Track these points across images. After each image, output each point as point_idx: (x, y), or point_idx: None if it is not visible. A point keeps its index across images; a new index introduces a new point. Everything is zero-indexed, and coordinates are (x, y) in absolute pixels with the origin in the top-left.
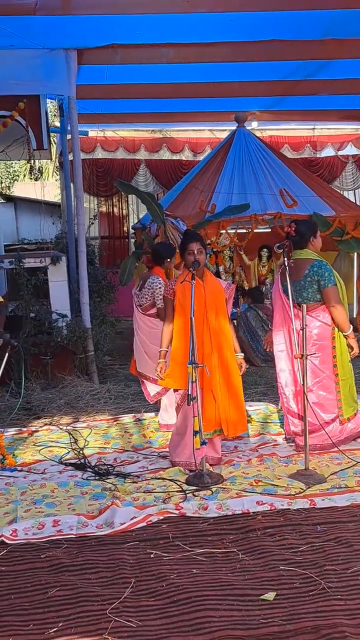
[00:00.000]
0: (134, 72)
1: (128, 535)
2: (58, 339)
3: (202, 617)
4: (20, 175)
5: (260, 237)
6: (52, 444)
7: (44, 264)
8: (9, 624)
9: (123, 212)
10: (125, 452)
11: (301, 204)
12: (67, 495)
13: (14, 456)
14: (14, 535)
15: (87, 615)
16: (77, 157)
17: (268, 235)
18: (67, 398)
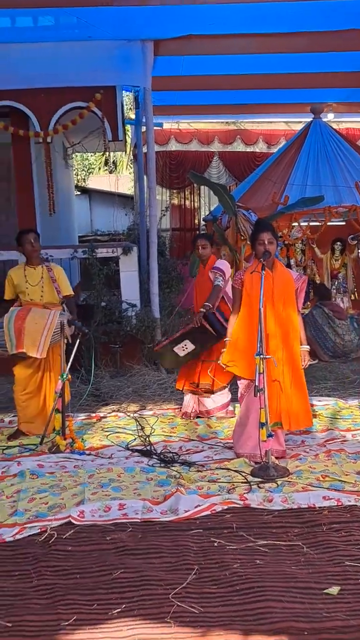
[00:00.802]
0: (209, 63)
1: (192, 522)
2: (127, 328)
3: (264, 608)
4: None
5: (334, 231)
6: (119, 430)
7: (116, 254)
8: (74, 602)
9: (195, 205)
10: (190, 441)
11: None
12: (132, 481)
13: (83, 440)
14: (81, 517)
15: (150, 599)
16: (151, 148)
17: (342, 229)
18: (134, 386)
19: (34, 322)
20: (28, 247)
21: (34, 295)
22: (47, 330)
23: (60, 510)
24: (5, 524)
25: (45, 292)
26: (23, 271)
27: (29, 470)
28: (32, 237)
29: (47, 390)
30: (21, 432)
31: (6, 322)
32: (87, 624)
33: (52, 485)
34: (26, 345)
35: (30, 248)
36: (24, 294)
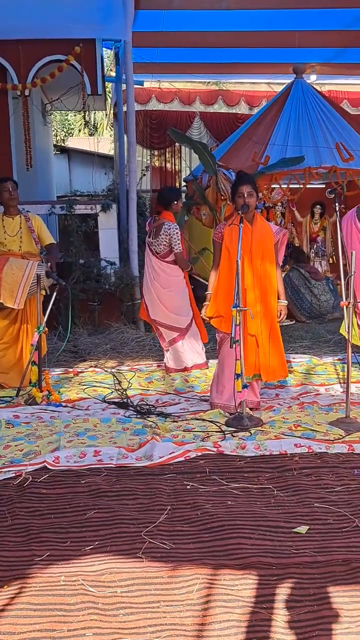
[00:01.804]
0: (192, 18)
1: (166, 467)
2: (106, 286)
3: (235, 545)
4: (75, 129)
5: (314, 194)
6: (96, 384)
7: (95, 211)
8: (48, 539)
9: (175, 167)
10: (167, 394)
11: (358, 159)
12: (108, 430)
13: (60, 393)
14: (56, 462)
15: (122, 536)
16: (130, 102)
17: (321, 192)
18: (112, 344)
19: (11, 272)
20: (6, 195)
21: (12, 246)
22: (25, 281)
23: (36, 457)
24: None
25: (24, 242)
26: (1, 221)
27: (5, 420)
28: (10, 185)
29: (23, 342)
30: None
31: None
32: (60, 559)
33: (27, 434)
34: (3, 296)
35: (8, 196)
36: (2, 244)
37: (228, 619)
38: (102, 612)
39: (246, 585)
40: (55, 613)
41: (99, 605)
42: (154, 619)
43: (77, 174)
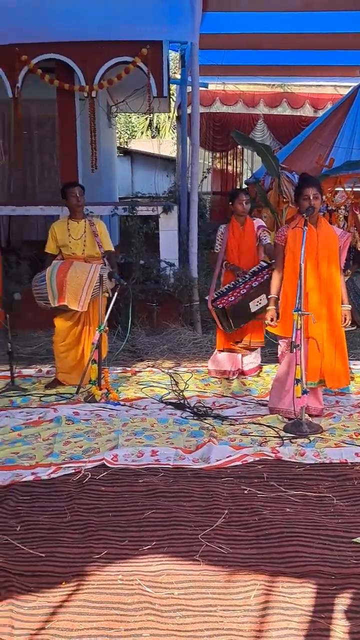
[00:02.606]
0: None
1: (223, 471)
2: (165, 287)
3: (293, 552)
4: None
5: None
6: (153, 384)
7: (156, 212)
8: (106, 537)
9: (237, 170)
10: (224, 397)
11: None
12: (165, 431)
13: (118, 392)
14: (114, 460)
15: (180, 538)
16: (195, 103)
17: None
18: (170, 344)
19: (75, 275)
20: (73, 200)
21: (76, 249)
22: (89, 284)
23: (95, 454)
24: (41, 463)
25: (87, 245)
26: (66, 225)
27: (65, 416)
28: (78, 190)
29: (85, 343)
30: (58, 382)
31: (48, 275)
32: (118, 558)
33: (87, 431)
34: (68, 299)
35: (75, 202)
36: (67, 247)
37: (286, 627)
38: (158, 613)
39: (305, 594)
40: (112, 612)
41: (155, 606)
42: (210, 622)
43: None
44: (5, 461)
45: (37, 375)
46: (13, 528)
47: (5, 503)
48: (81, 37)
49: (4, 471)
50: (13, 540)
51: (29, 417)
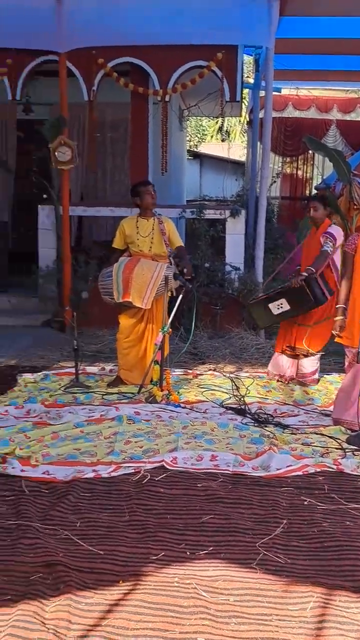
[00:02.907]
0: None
1: (283, 480)
2: (229, 291)
3: (351, 566)
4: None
5: None
6: (214, 388)
7: (224, 216)
8: (163, 539)
9: (307, 175)
10: (285, 405)
11: None
12: (225, 436)
13: (179, 394)
14: (174, 462)
15: (237, 545)
16: (268, 107)
17: None
18: (232, 348)
19: (142, 273)
20: (148, 198)
21: (143, 246)
22: (153, 282)
23: (154, 455)
24: (102, 461)
25: (155, 243)
26: (135, 222)
27: (127, 415)
28: (152, 188)
29: (147, 341)
30: (120, 381)
31: (115, 271)
32: (175, 560)
33: (147, 432)
34: (132, 295)
35: (151, 199)
36: (134, 244)
37: None
38: (214, 619)
39: None
40: (168, 614)
41: (211, 611)
42: (265, 631)
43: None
44: (67, 457)
45: (100, 373)
46: (73, 524)
47: (66, 498)
48: (157, 41)
49: (66, 467)
50: (73, 536)
51: (92, 415)
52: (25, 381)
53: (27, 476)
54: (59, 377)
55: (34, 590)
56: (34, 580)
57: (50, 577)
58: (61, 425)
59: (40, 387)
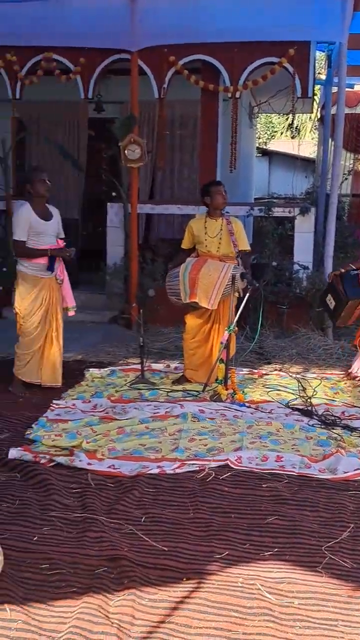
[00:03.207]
0: None
1: (350, 484)
2: (297, 290)
3: None
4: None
5: None
6: (280, 388)
7: (292, 214)
8: (228, 538)
9: None
10: (354, 407)
11: None
12: (291, 437)
13: (244, 393)
14: (238, 462)
15: (302, 547)
16: (341, 104)
17: None
18: (299, 349)
19: (208, 273)
20: (219, 198)
21: (211, 247)
22: (220, 283)
23: (219, 453)
24: (167, 457)
25: (222, 244)
26: (203, 222)
27: (191, 413)
28: (223, 188)
29: (214, 341)
30: (185, 379)
31: (182, 271)
32: (239, 560)
33: (211, 430)
34: (199, 296)
35: (222, 200)
36: (202, 244)
37: None
38: (278, 621)
39: None
40: (231, 614)
41: (275, 614)
42: (330, 637)
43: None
44: (132, 452)
45: (165, 370)
46: (138, 519)
47: (131, 493)
48: (228, 38)
49: (131, 462)
50: (137, 531)
51: (157, 411)
52: (92, 376)
53: (93, 469)
54: (125, 373)
55: (99, 584)
56: (99, 574)
57: (115, 571)
58: (127, 421)
59: (107, 382)
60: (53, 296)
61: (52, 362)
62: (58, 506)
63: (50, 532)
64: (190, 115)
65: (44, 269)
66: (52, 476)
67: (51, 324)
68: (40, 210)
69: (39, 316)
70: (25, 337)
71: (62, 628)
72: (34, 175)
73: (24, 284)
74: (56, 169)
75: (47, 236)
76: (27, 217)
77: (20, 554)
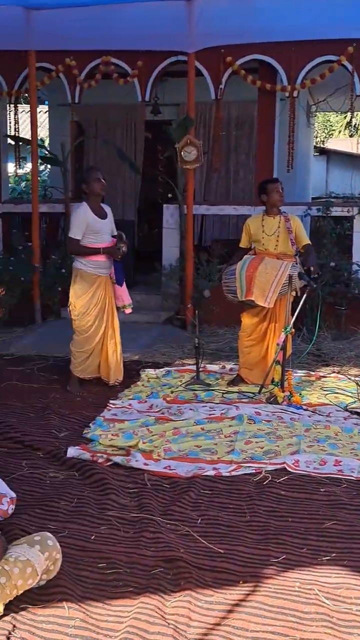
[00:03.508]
0: None
1: None
2: (355, 291)
3: None
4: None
5: None
6: (338, 391)
7: (351, 213)
8: (284, 542)
9: None
10: None
11: None
12: (350, 441)
13: (301, 396)
14: (296, 465)
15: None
16: None
17: None
18: (357, 351)
19: (265, 271)
20: (276, 195)
21: (269, 245)
22: (277, 281)
23: (276, 456)
24: (223, 459)
25: (280, 242)
26: (261, 220)
27: (247, 415)
28: (280, 186)
29: (270, 341)
30: (241, 379)
31: (239, 269)
32: (296, 565)
33: (268, 432)
34: (255, 294)
35: (279, 197)
36: (259, 242)
37: None
38: (336, 627)
39: None
40: (288, 618)
41: (333, 620)
42: None
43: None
44: (188, 453)
45: (220, 372)
46: (194, 520)
47: (187, 494)
48: (285, 37)
49: (187, 463)
50: (194, 533)
51: (212, 412)
52: (147, 376)
53: (149, 470)
54: (180, 374)
55: (156, 584)
56: (156, 574)
57: (171, 572)
58: (182, 422)
59: (162, 383)
60: (108, 295)
61: (112, 360)
62: (115, 505)
63: (107, 532)
64: (246, 115)
65: (103, 266)
66: (109, 476)
67: (107, 323)
68: (97, 208)
69: (93, 315)
70: (79, 335)
71: (119, 627)
72: (90, 175)
73: (80, 282)
74: (113, 171)
75: (104, 234)
76: (84, 216)
77: (78, 553)
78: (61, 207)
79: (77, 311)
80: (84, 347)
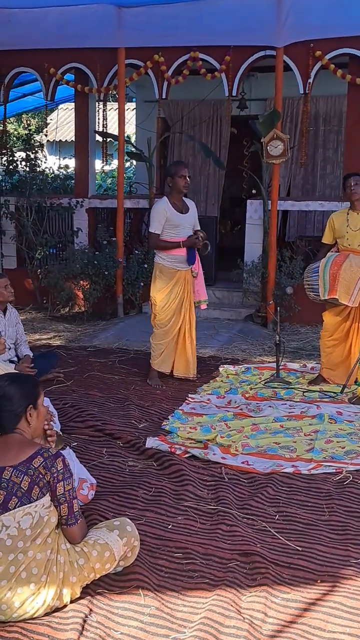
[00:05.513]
0: None
1: None
2: None
3: None
4: None
5: None
6: None
7: None
8: None
9: None
10: None
11: None
12: None
13: None
14: None
15: None
16: None
17: None
18: None
19: (350, 269)
20: (357, 189)
21: (353, 241)
22: None
23: (357, 457)
24: (302, 457)
25: None
26: (346, 215)
27: (328, 415)
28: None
29: (353, 340)
30: (322, 379)
31: (322, 266)
32: None
33: (349, 433)
34: (339, 292)
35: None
36: (343, 238)
37: None
38: None
39: None
40: None
41: None
42: None
43: None
44: (266, 449)
45: (301, 370)
46: (271, 516)
47: (265, 490)
48: None
49: (265, 459)
50: (271, 528)
51: (292, 411)
52: (226, 372)
53: (227, 464)
54: (259, 371)
55: (231, 578)
56: (232, 568)
57: (247, 566)
58: (261, 418)
59: (242, 379)
60: (187, 289)
61: (186, 355)
62: (192, 497)
63: (184, 522)
64: (335, 110)
65: (182, 260)
66: (186, 467)
67: (185, 317)
68: (178, 203)
69: (172, 309)
70: (159, 328)
71: (194, 618)
72: (177, 170)
73: (161, 276)
74: (198, 167)
75: (184, 229)
76: (163, 211)
77: (155, 541)
78: (145, 202)
79: (157, 305)
80: (163, 340)
